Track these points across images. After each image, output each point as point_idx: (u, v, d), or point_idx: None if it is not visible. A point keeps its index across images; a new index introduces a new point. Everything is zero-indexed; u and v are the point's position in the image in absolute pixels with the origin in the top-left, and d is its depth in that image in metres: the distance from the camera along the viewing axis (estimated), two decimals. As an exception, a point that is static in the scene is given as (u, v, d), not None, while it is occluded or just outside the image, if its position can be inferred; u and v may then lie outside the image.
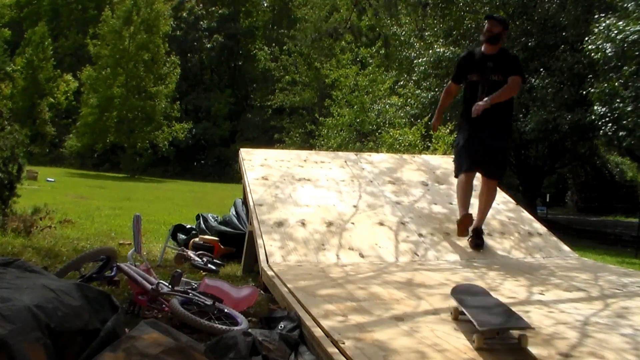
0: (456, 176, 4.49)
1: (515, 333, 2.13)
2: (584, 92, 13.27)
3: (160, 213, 10.02)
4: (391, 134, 11.78)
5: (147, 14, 30.11)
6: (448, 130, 11.27)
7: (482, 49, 4.45)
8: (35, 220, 5.89)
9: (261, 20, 43.71)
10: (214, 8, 41.13)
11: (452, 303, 2.54)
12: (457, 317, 2.44)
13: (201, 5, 40.82)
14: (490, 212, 4.97)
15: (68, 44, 40.53)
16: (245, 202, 5.40)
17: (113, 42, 30.08)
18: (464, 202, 4.26)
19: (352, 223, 4.32)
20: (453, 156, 4.48)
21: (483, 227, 4.44)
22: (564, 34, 15.16)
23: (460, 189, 4.36)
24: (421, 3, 15.65)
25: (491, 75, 4.26)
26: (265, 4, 43.63)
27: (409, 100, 16.28)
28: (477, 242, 4.26)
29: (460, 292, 2.61)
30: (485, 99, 4.12)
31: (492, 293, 3.03)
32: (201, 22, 40.41)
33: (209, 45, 40.55)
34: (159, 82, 31.50)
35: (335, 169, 5.50)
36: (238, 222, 5.69)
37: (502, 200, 5.31)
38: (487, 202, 4.39)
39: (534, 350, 2.09)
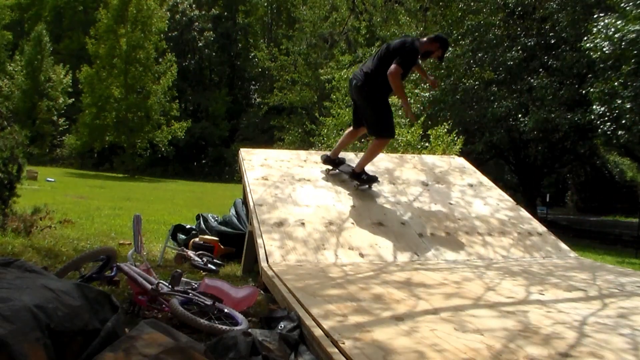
0: (390, 136, 5.10)
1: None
2: (584, 92, 13.28)
3: (160, 213, 10.02)
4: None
5: (138, 10, 30.02)
6: (446, 130, 11.24)
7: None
8: (35, 220, 5.89)
9: (259, 19, 43.66)
10: (211, 11, 41.11)
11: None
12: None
13: (194, 5, 40.79)
14: (490, 210, 5.00)
15: (72, 45, 40.59)
16: (245, 202, 5.40)
17: (109, 41, 30.10)
18: None
19: (352, 223, 4.33)
20: (381, 116, 4.87)
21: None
22: (563, 34, 15.16)
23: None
24: (422, 7, 15.69)
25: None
26: (265, 4, 43.57)
27: (408, 99, 16.26)
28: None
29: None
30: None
31: (490, 293, 3.04)
32: (196, 23, 40.37)
33: (205, 45, 40.52)
34: (157, 80, 31.52)
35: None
36: (238, 222, 5.70)
37: (501, 199, 5.32)
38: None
39: (533, 350, 2.10)
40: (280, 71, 32.50)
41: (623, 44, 10.77)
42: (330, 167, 5.33)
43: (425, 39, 4.82)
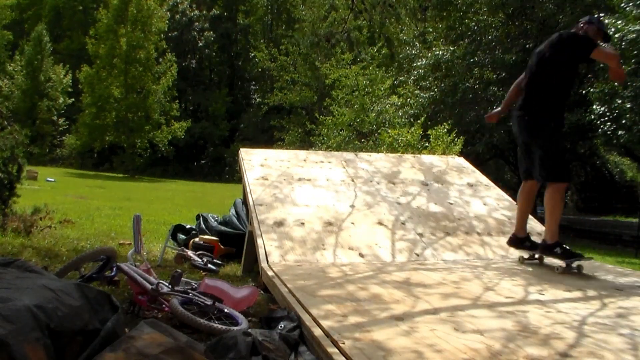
0: (568, 180, 3.92)
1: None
2: (584, 92, 13.29)
3: (160, 213, 10.02)
4: (390, 133, 11.76)
5: (138, 10, 30.07)
6: (446, 130, 11.24)
7: None
8: (35, 220, 5.90)
9: (259, 19, 43.70)
10: (211, 11, 41.14)
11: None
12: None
13: (194, 5, 40.85)
14: (488, 210, 5.00)
15: (72, 45, 40.63)
16: (245, 202, 5.41)
17: (109, 41, 30.14)
18: None
19: (351, 223, 4.33)
20: (554, 155, 3.79)
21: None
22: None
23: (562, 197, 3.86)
24: (421, 7, 15.71)
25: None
26: (265, 4, 43.59)
27: (408, 100, 16.29)
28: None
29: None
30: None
31: (490, 293, 3.04)
32: (196, 23, 40.43)
33: (205, 45, 40.57)
34: (157, 80, 31.56)
35: (334, 169, 5.51)
36: (238, 222, 5.70)
37: (500, 198, 5.32)
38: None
39: (532, 350, 2.10)
40: (280, 71, 32.51)
41: (623, 44, 10.77)
42: (525, 256, 4.05)
43: (583, 25, 3.82)
